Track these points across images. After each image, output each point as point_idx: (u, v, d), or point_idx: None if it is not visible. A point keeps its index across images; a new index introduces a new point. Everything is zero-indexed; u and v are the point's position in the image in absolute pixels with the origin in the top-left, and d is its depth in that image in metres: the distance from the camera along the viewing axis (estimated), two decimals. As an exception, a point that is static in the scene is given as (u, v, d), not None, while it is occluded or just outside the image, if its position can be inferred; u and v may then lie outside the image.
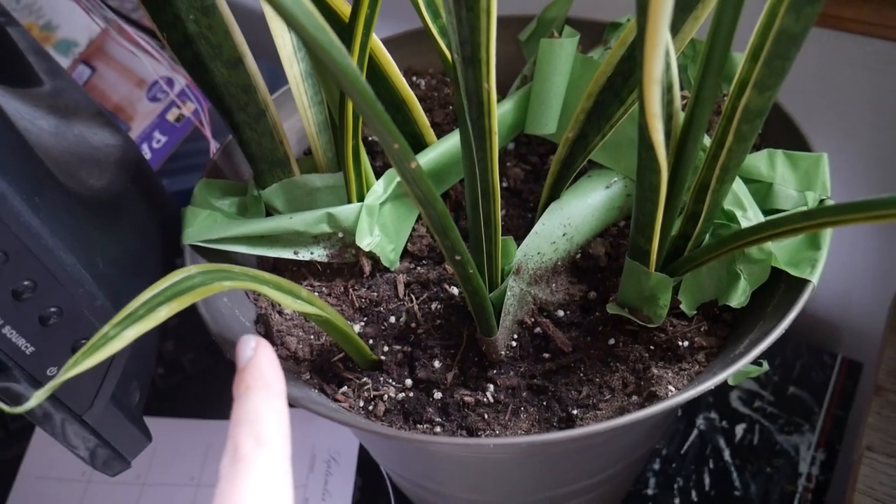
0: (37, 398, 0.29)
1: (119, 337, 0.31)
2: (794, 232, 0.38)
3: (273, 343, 0.48)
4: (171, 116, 0.80)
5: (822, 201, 0.45)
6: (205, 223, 0.49)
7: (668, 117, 0.35)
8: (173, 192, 0.78)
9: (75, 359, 0.30)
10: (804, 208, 0.44)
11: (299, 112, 0.51)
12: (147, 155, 0.79)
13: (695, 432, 0.71)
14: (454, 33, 0.34)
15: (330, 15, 0.41)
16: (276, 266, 0.53)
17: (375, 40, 0.45)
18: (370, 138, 0.59)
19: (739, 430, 0.71)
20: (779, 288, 0.44)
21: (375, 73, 0.47)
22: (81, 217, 0.40)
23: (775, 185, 0.46)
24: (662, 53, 0.28)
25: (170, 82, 0.80)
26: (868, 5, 0.55)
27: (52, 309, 0.34)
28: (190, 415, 0.73)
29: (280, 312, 0.50)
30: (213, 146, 0.76)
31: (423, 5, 0.49)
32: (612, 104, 0.45)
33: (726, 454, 0.69)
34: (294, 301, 0.38)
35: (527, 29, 0.61)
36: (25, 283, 0.33)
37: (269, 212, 0.52)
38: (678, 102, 0.35)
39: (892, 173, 0.67)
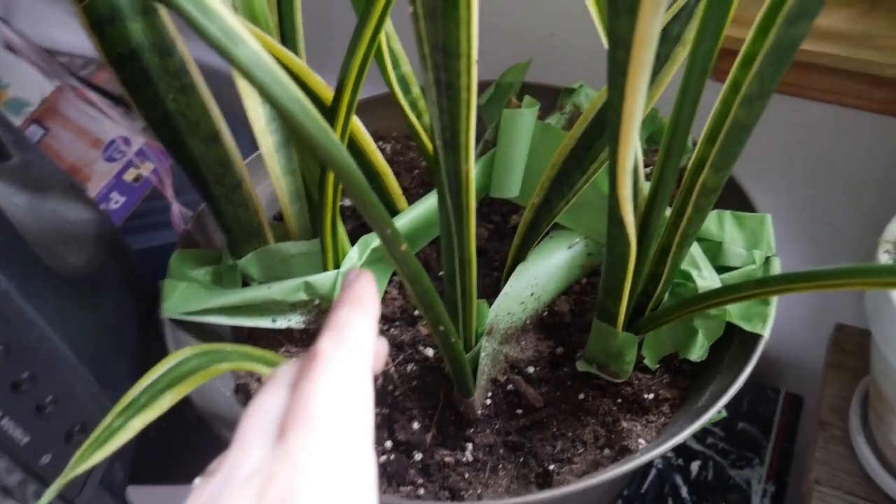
0: (47, 496, 0.30)
1: (125, 428, 0.32)
2: (748, 297, 0.41)
3: (254, 411, 0.49)
4: (128, 176, 0.80)
5: (767, 259, 0.49)
6: (183, 295, 0.50)
7: (635, 194, 0.38)
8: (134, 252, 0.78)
9: (81, 452, 0.31)
10: (752, 267, 0.48)
11: (272, 181, 0.53)
12: (104, 215, 0.79)
13: (653, 472, 0.74)
14: (437, 121, 0.36)
15: (313, 98, 0.43)
16: (252, 334, 0.54)
17: (354, 119, 0.47)
18: (341, 204, 0.60)
19: (695, 466, 0.74)
20: (733, 341, 0.47)
21: (352, 146, 0.49)
22: (67, 298, 0.41)
23: (725, 243, 0.50)
24: (634, 147, 0.31)
25: (127, 142, 0.81)
26: (806, 71, 0.60)
27: (49, 398, 0.35)
28: (155, 482, 0.72)
29: (259, 380, 0.51)
30: (175, 207, 0.77)
31: (395, 81, 0.51)
32: (574, 173, 0.48)
33: (684, 491, 0.72)
34: (285, 376, 0.40)
35: (485, 93, 0.64)
36: (24, 374, 0.33)
37: (245, 280, 0.53)
38: (642, 180, 0.38)
39: (831, 230, 0.72)
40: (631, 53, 0.27)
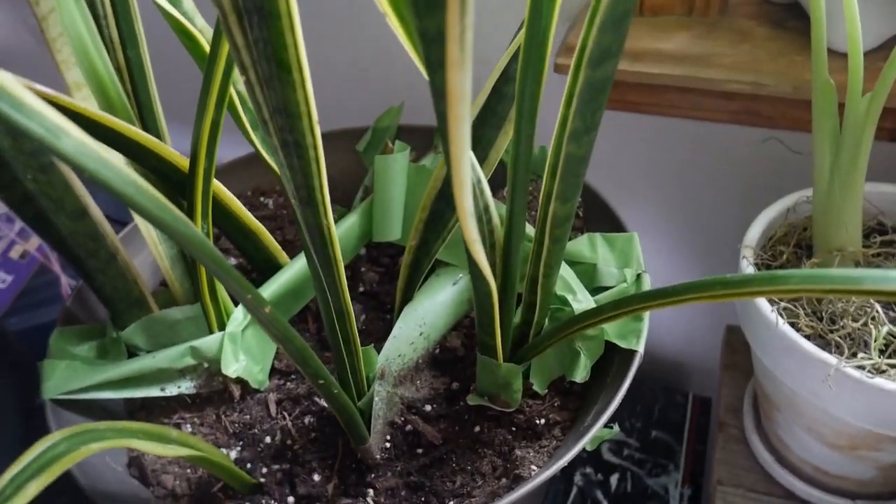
0: None
1: (-13, 524, 0.31)
2: (619, 316, 0.43)
3: (149, 484, 0.48)
4: (14, 254, 0.78)
5: (638, 276, 0.51)
6: (64, 374, 0.49)
7: (490, 231, 0.40)
8: (24, 330, 0.76)
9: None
10: (624, 285, 0.50)
11: (150, 249, 0.53)
12: (-7, 296, 0.77)
13: (574, 490, 0.75)
14: (289, 181, 0.37)
15: (171, 169, 0.43)
16: (146, 403, 0.53)
17: (217, 185, 0.47)
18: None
19: (614, 480, 0.76)
20: (615, 358, 0.49)
21: (221, 210, 0.50)
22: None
23: (598, 265, 0.52)
24: (470, 192, 0.32)
25: (9, 220, 0.79)
26: (660, 91, 0.63)
27: None
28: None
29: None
30: (65, 281, 0.75)
31: (258, 140, 0.52)
32: (446, 211, 0.50)
33: (605, 505, 0.74)
34: (164, 447, 0.39)
35: (363, 140, 0.66)
36: None
37: (131, 351, 0.52)
38: (496, 219, 0.40)
39: (703, 240, 0.76)
40: (447, 104, 0.28)
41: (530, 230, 0.51)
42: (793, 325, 0.48)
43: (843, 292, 0.30)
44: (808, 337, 0.48)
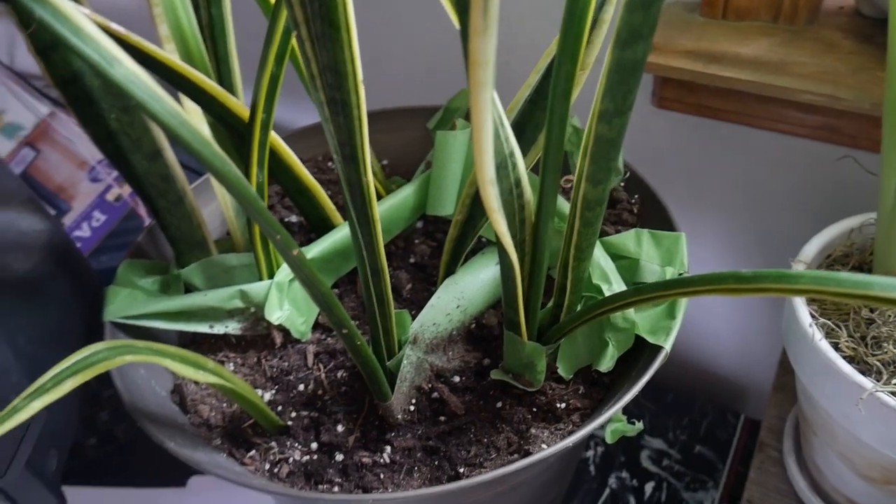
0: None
1: (25, 409, 0.35)
2: (649, 301, 0.43)
3: (187, 412, 0.51)
4: (110, 196, 0.85)
5: (680, 275, 0.51)
6: (124, 301, 0.53)
7: (521, 207, 0.41)
8: (111, 268, 0.82)
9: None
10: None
11: (217, 197, 0.56)
12: (87, 233, 0.83)
13: (607, 491, 0.75)
14: (332, 137, 0.39)
15: (232, 118, 0.46)
16: (196, 339, 0.57)
17: (275, 137, 0.50)
18: (285, 220, 0.64)
19: (649, 488, 0.75)
20: (644, 353, 0.49)
21: (280, 165, 0.52)
22: (4, 299, 0.44)
23: (642, 261, 0.52)
24: (491, 160, 0.33)
25: (109, 165, 0.85)
26: (741, 99, 0.62)
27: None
28: (124, 483, 0.74)
29: (196, 381, 0.53)
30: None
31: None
32: (494, 190, 0.51)
33: (635, 511, 0.73)
34: (196, 372, 0.42)
35: (434, 118, 0.67)
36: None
37: (189, 289, 0.56)
38: (528, 194, 0.40)
39: (745, 245, 0.74)
40: (469, 69, 0.30)
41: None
42: (834, 345, 0.47)
43: (851, 296, 0.29)
44: (849, 359, 0.46)
